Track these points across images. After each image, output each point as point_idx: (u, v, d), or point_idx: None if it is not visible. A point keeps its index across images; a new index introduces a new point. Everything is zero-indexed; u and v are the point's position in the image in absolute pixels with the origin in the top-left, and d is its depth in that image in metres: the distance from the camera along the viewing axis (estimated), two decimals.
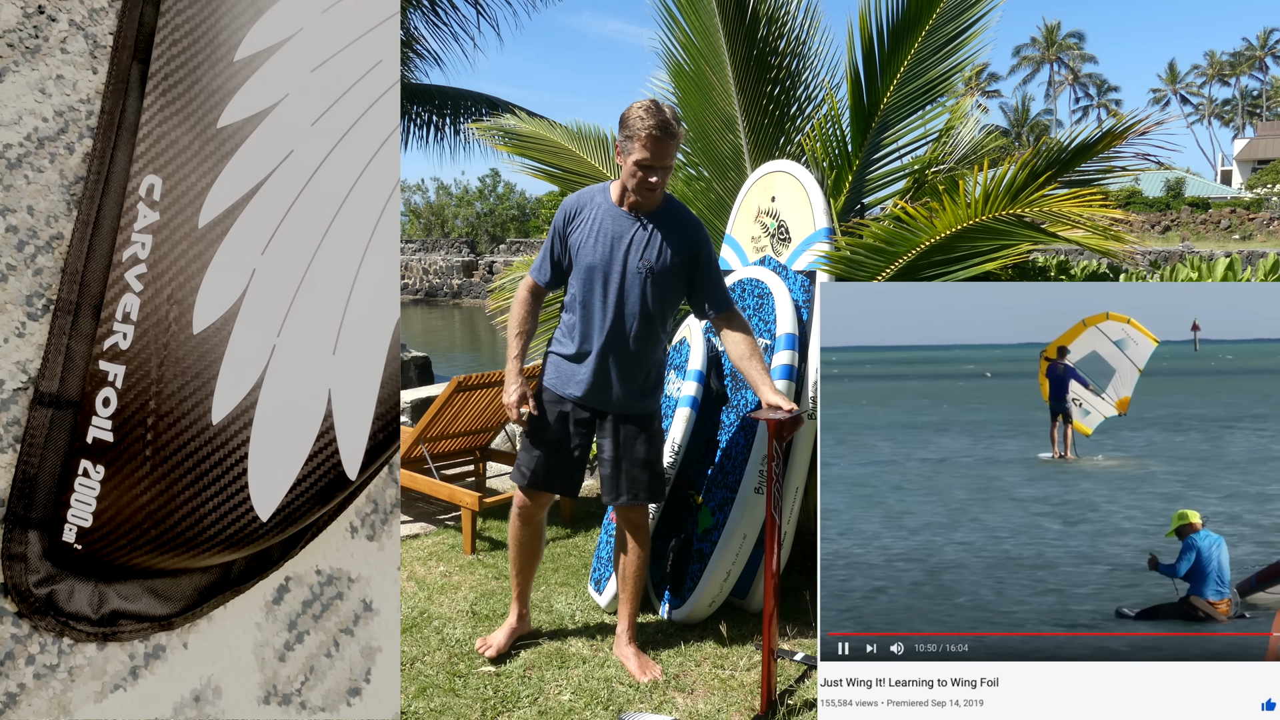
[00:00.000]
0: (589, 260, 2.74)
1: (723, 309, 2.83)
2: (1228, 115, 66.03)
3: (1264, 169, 39.21)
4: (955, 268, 3.29)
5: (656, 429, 2.93)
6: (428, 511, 4.64)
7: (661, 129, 2.59)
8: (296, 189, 0.92)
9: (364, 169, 0.99)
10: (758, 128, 4.21)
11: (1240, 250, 24.53)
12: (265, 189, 0.91)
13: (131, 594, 0.90)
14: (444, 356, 19.56)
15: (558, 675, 2.78)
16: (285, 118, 0.92)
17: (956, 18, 3.82)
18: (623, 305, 2.74)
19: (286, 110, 0.92)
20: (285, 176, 0.92)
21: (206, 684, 0.96)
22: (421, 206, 39.81)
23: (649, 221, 2.74)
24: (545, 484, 2.88)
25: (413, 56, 9.99)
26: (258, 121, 0.91)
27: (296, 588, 1.09)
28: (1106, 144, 3.39)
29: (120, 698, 0.90)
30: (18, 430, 0.87)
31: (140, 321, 0.86)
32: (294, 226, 0.93)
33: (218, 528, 0.90)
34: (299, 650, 1.08)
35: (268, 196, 0.92)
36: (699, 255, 2.78)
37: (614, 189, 2.79)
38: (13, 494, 0.87)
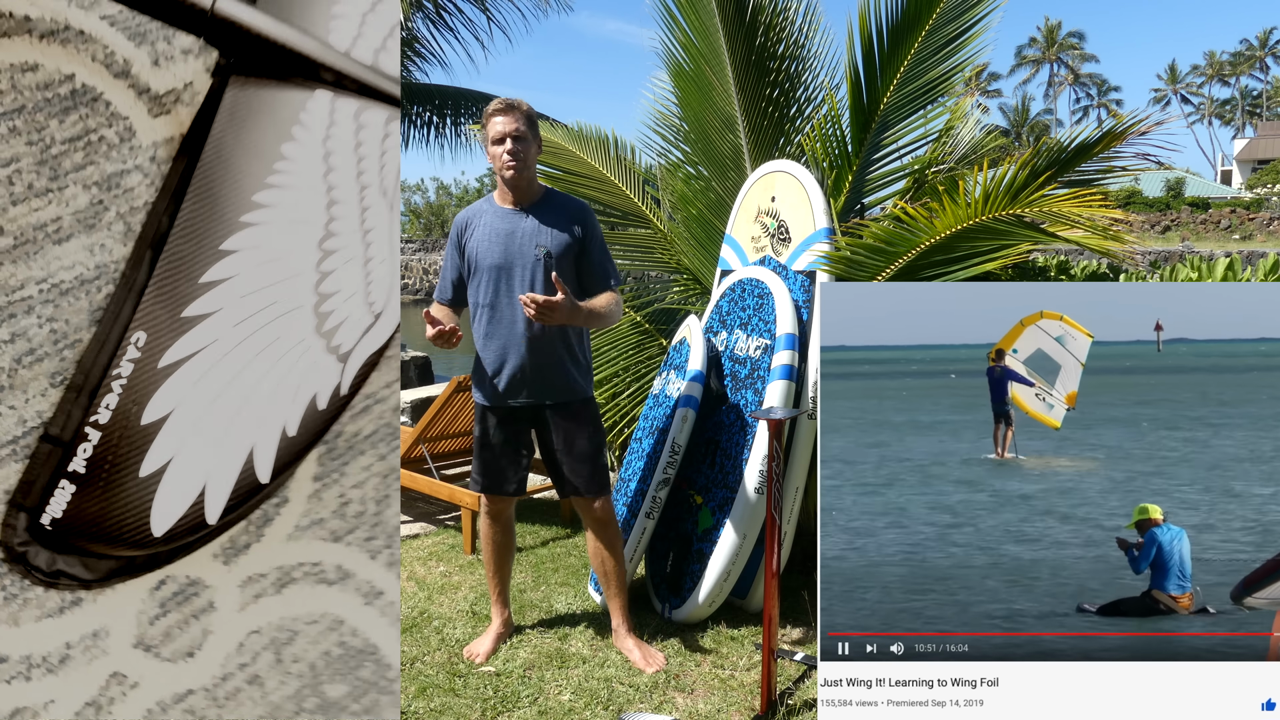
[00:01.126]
0: (489, 260, 2.82)
1: (601, 290, 2.87)
2: (1228, 115, 66.04)
3: (1264, 169, 39.22)
4: (955, 268, 3.28)
5: (593, 417, 2.96)
6: (428, 511, 4.64)
7: (500, 103, 2.78)
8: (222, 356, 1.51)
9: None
10: (758, 128, 4.21)
11: (1240, 250, 24.54)
12: (197, 360, 1.48)
13: (70, 563, 1.48)
14: (444, 356, 19.53)
15: (558, 675, 2.78)
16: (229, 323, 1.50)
17: (957, 18, 3.82)
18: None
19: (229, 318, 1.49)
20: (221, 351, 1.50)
21: (102, 627, 1.51)
22: (421, 206, 39.84)
23: (532, 212, 2.85)
24: (495, 487, 2.96)
25: (414, 56, 9.99)
26: (210, 319, 1.50)
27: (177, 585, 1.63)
28: (1106, 144, 3.38)
29: (50, 623, 1.49)
30: (28, 453, 1.47)
31: (115, 409, 1.45)
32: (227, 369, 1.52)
33: (130, 536, 1.48)
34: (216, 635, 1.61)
35: (204, 361, 1.49)
36: (585, 231, 2.87)
37: (497, 195, 2.91)
38: (17, 489, 1.46)
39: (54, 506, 1.44)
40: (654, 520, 3.24)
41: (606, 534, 2.98)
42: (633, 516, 3.27)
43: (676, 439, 3.20)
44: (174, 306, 1.44)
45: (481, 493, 3.01)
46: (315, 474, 1.61)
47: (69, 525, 1.44)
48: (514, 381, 2.84)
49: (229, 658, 1.56)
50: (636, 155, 4.88)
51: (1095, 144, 3.38)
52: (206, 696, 1.55)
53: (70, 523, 1.44)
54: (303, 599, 1.59)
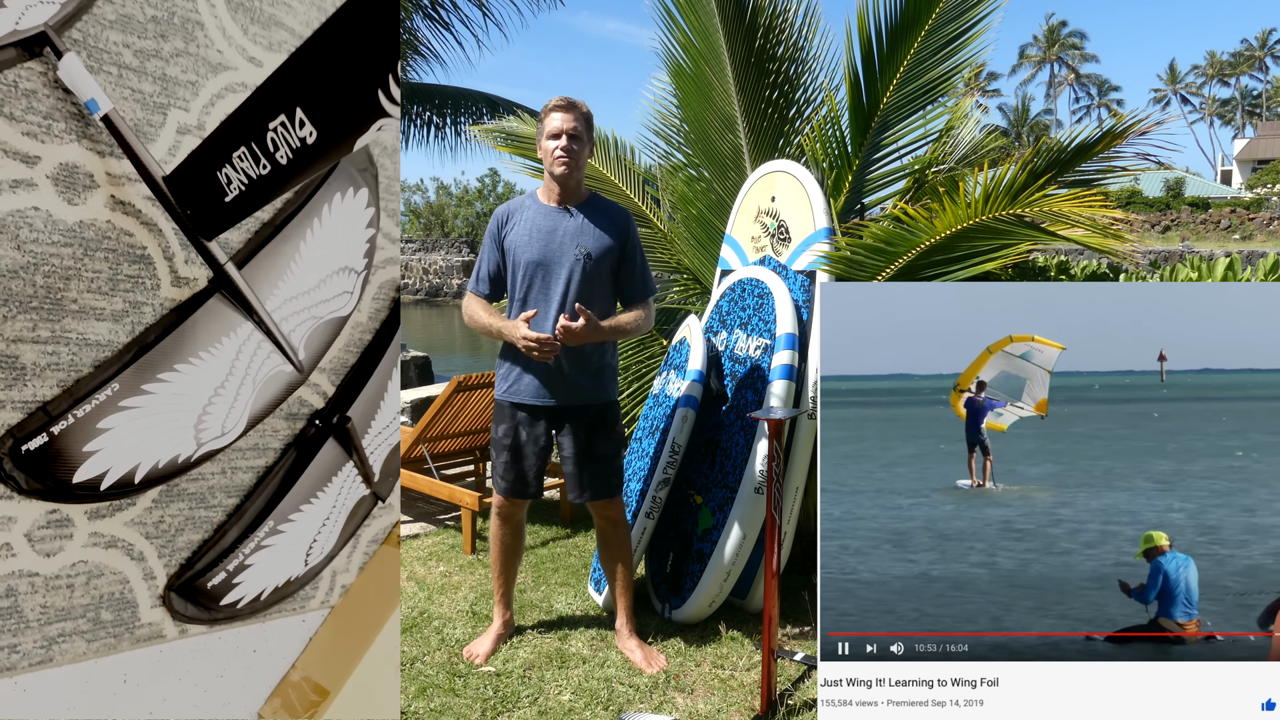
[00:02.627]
0: (528, 257, 2.81)
1: (638, 301, 2.88)
2: (1228, 115, 66.02)
3: (1264, 169, 39.20)
4: (955, 268, 3.28)
5: (615, 421, 2.96)
6: (428, 511, 4.64)
7: (561, 100, 2.79)
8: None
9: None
10: (758, 128, 4.21)
11: (1240, 250, 24.53)
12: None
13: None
14: (444, 357, 19.53)
15: (558, 675, 2.78)
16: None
17: (957, 18, 3.82)
18: (565, 294, 2.79)
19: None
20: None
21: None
22: (421, 206, 39.79)
23: (578, 211, 2.84)
24: (518, 490, 2.94)
25: (413, 56, 9.98)
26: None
27: None
28: (1106, 144, 3.38)
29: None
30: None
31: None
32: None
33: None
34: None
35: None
36: (627, 239, 2.87)
37: (541, 191, 2.90)
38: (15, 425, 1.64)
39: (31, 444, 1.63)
40: (654, 520, 3.24)
41: (618, 534, 2.97)
42: (633, 516, 3.27)
43: (676, 439, 3.20)
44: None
45: (505, 496, 2.96)
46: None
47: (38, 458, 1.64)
48: (543, 381, 2.82)
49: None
50: (636, 155, 4.88)
51: (1095, 144, 3.38)
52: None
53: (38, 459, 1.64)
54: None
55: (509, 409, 2.90)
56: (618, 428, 2.96)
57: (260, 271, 1.73)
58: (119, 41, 1.55)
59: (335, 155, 1.27)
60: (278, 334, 1.78)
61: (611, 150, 4.84)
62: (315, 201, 1.82)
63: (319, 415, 1.93)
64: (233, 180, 1.46)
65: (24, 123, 1.44)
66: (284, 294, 1.78)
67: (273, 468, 1.85)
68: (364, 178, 1.96)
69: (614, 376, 2.96)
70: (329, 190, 1.86)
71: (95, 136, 1.53)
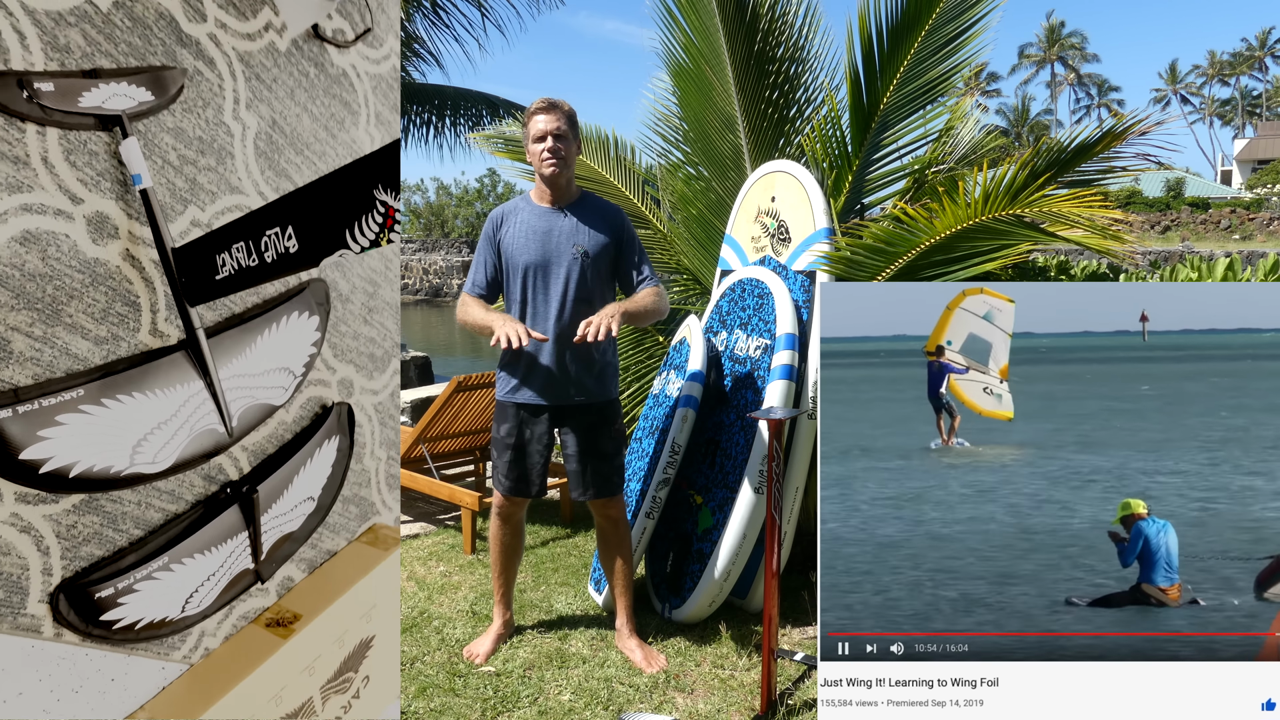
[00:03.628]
0: (524, 258, 2.83)
1: (646, 284, 2.89)
2: (1228, 115, 66.02)
3: (1264, 169, 39.22)
4: (955, 268, 3.29)
5: (616, 419, 2.96)
6: (428, 511, 4.64)
7: (543, 102, 2.82)
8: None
9: None
10: (757, 128, 4.21)
11: (1240, 250, 24.55)
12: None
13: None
14: (443, 357, 19.52)
15: (558, 675, 2.78)
16: None
17: (956, 18, 3.82)
18: (565, 294, 2.80)
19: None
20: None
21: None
22: (421, 206, 39.79)
23: (571, 211, 2.86)
24: (521, 489, 2.95)
25: (413, 57, 9.98)
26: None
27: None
28: (1106, 144, 3.39)
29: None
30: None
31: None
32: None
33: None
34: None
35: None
36: (622, 234, 2.89)
37: (533, 193, 2.91)
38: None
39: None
40: (654, 520, 3.24)
41: (619, 533, 2.98)
42: (633, 516, 3.27)
43: (676, 439, 3.20)
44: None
45: (507, 495, 2.96)
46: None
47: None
48: (545, 379, 2.84)
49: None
50: (636, 155, 4.89)
51: (1095, 144, 3.39)
52: None
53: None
54: None
55: (512, 409, 2.90)
56: (619, 426, 2.97)
57: (221, 346, 2.04)
58: (169, 144, 1.97)
59: (305, 266, 1.64)
60: (221, 399, 2.03)
61: (611, 150, 4.85)
62: (277, 311, 2.18)
63: (230, 485, 2.13)
64: (226, 264, 1.80)
65: (82, 172, 1.81)
66: (234, 370, 2.07)
67: (180, 515, 2.03)
68: (319, 310, 2.30)
69: (615, 375, 2.97)
70: (290, 307, 2.21)
71: (130, 202, 1.88)
